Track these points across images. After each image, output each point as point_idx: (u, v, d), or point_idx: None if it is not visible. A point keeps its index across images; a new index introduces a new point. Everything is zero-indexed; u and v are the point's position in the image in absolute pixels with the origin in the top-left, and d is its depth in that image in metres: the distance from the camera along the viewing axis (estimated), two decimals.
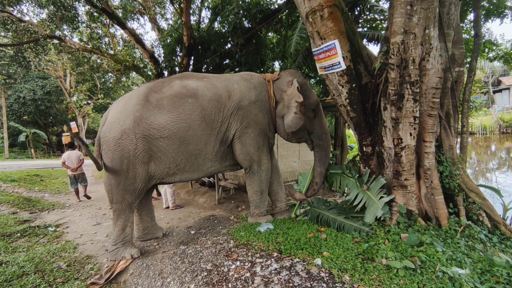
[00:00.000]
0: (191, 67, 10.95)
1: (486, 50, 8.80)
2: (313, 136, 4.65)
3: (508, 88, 34.19)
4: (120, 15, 10.88)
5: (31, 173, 10.80)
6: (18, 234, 4.56)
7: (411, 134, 3.58)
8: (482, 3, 5.16)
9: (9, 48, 13.73)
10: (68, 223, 5.42)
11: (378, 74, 3.88)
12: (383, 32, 7.58)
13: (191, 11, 9.92)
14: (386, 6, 7.60)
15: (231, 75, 4.63)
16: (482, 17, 7.16)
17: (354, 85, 3.97)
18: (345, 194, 7.13)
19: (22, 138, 24.65)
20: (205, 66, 10.67)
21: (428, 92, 3.60)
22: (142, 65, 13.65)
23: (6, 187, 8.08)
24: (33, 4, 11.91)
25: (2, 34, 13.09)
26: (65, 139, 22.74)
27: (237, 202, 6.31)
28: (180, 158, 3.88)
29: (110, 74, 20.31)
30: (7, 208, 6.14)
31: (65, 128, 26.41)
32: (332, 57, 3.81)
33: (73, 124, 22.48)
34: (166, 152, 3.80)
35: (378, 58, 3.89)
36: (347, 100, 4.06)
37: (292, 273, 2.99)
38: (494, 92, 36.58)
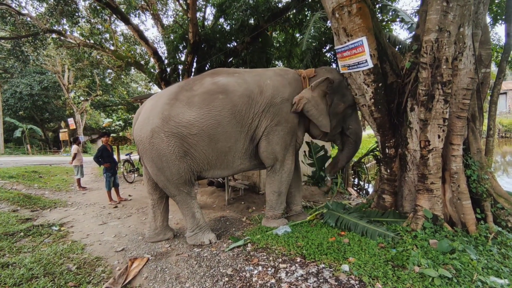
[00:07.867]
0: (195, 64, 10.75)
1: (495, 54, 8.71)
2: (350, 131, 4.64)
3: (506, 93, 34.42)
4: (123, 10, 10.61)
5: (29, 169, 10.50)
6: (22, 234, 4.35)
7: (439, 137, 3.45)
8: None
9: (6, 41, 13.38)
10: (72, 222, 5.21)
11: (406, 74, 3.73)
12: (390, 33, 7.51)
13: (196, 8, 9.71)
14: (398, 6, 7.51)
15: (264, 70, 4.46)
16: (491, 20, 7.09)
17: (380, 84, 3.83)
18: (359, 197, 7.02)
19: (18, 133, 24.16)
20: (210, 64, 10.48)
21: (458, 93, 3.47)
22: (143, 62, 13.39)
23: (4, 184, 7.78)
24: None
25: (0, 27, 12.73)
26: (63, 135, 22.42)
27: (247, 203, 6.12)
28: (211, 155, 3.86)
29: (109, 70, 19.92)
30: (7, 205, 5.90)
31: (62, 124, 25.98)
32: (359, 55, 3.66)
33: (70, 121, 22.17)
34: (197, 149, 3.79)
35: (407, 57, 3.73)
36: (372, 100, 3.91)
37: (320, 280, 2.83)
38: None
